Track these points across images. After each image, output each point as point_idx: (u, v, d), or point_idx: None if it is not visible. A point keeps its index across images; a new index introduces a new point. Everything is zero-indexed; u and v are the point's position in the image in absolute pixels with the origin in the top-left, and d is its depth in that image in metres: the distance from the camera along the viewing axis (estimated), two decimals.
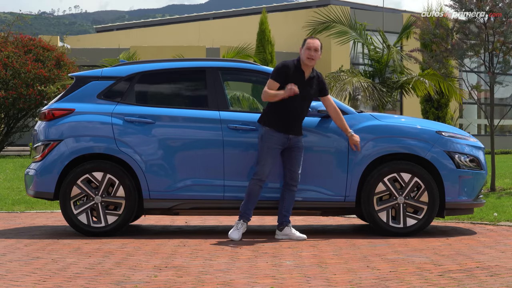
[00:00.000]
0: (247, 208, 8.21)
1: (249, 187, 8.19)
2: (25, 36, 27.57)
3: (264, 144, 8.18)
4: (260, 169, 8.17)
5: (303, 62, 8.25)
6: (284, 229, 8.32)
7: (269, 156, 8.17)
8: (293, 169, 8.25)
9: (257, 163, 8.22)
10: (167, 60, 9.03)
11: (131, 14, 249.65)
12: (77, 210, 8.50)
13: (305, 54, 8.22)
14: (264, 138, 8.19)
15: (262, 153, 8.19)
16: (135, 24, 55.54)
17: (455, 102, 21.29)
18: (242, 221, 8.19)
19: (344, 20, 16.98)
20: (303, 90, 8.19)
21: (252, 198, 8.20)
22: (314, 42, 8.26)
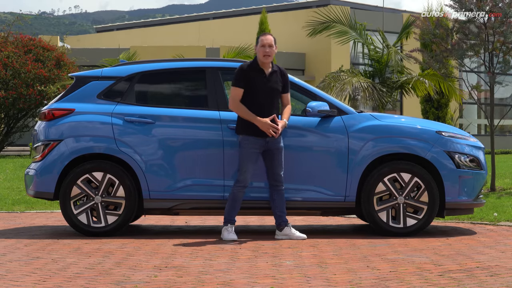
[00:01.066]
0: (232, 214, 8.24)
1: (233, 194, 8.20)
2: (25, 36, 27.57)
3: (243, 151, 8.19)
4: (242, 177, 8.18)
5: (260, 60, 8.24)
6: (284, 229, 8.32)
7: (249, 162, 8.18)
8: (275, 171, 8.26)
9: (239, 170, 8.21)
10: (167, 60, 9.03)
11: (131, 14, 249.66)
12: (77, 210, 8.50)
13: (261, 52, 8.22)
14: (242, 145, 8.20)
15: (242, 160, 8.19)
16: (135, 24, 55.55)
17: (455, 102, 21.30)
18: (229, 225, 8.22)
19: (344, 20, 16.98)
20: (267, 87, 8.20)
21: (237, 204, 8.23)
22: (267, 38, 8.26)
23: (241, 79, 8.16)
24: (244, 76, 8.16)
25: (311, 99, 8.68)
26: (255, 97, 8.16)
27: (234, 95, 8.16)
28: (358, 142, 8.50)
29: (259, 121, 8.09)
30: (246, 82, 8.16)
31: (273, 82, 8.26)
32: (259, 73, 8.22)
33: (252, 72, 8.20)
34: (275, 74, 8.30)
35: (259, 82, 8.18)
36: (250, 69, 8.21)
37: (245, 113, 8.13)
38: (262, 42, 8.24)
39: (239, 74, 8.18)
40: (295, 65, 39.28)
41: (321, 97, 8.70)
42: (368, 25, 17.81)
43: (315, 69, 39.35)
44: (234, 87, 8.18)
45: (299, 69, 39.69)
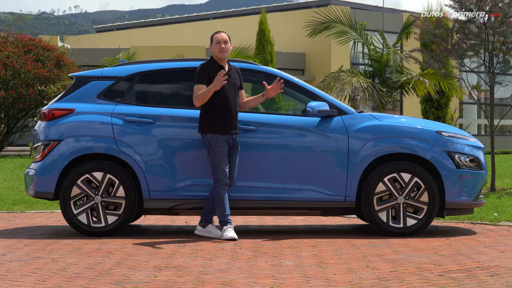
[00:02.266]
0: (224, 214, 8.24)
1: (217, 194, 8.21)
2: (25, 36, 27.56)
3: (214, 150, 8.21)
4: (220, 175, 8.19)
5: (217, 57, 8.33)
6: (207, 227, 8.37)
7: (222, 159, 8.21)
8: (231, 171, 8.31)
9: (214, 170, 8.22)
10: (167, 60, 9.03)
11: (131, 14, 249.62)
12: (77, 210, 8.50)
13: (217, 49, 8.32)
14: (212, 145, 8.22)
15: (216, 160, 8.21)
16: (135, 24, 55.54)
17: (455, 102, 21.32)
18: (229, 225, 8.23)
19: (344, 20, 16.98)
20: (228, 83, 8.30)
21: (225, 202, 8.24)
22: (221, 35, 8.36)
23: (205, 76, 8.23)
24: (207, 73, 8.24)
25: (311, 99, 8.69)
26: (219, 93, 8.23)
27: (195, 92, 8.23)
28: (358, 142, 8.50)
29: (213, 84, 8.12)
30: (208, 80, 8.22)
31: (233, 78, 8.39)
32: (218, 69, 8.30)
33: (213, 69, 8.27)
34: (233, 71, 8.44)
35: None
36: (211, 66, 8.29)
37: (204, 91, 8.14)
38: (217, 39, 8.35)
39: (201, 72, 8.26)
40: (295, 65, 39.29)
41: (321, 97, 8.71)
42: (368, 25, 17.81)
43: (315, 69, 39.35)
44: (197, 85, 8.24)
45: (299, 69, 39.69)
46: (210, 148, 8.23)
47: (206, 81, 8.23)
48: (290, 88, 8.89)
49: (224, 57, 8.35)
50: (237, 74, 8.48)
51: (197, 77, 8.27)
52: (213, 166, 8.23)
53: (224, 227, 8.21)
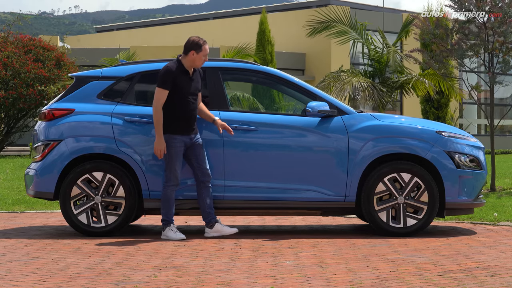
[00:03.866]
0: (169, 214, 8.28)
1: (166, 194, 8.25)
2: (25, 36, 27.56)
3: (170, 150, 8.23)
4: (172, 175, 8.23)
5: (194, 65, 8.31)
6: (215, 226, 8.35)
7: (177, 160, 8.25)
8: (202, 166, 8.33)
9: (167, 170, 8.25)
10: (167, 60, 9.03)
11: (131, 14, 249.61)
12: (77, 210, 8.50)
13: (201, 60, 8.31)
14: (169, 145, 8.24)
15: (170, 160, 8.24)
16: (135, 24, 55.54)
17: (455, 102, 21.34)
18: (172, 225, 8.26)
19: (344, 20, 16.97)
20: (192, 88, 8.30)
21: (172, 203, 8.29)
22: (207, 48, 8.34)
23: (169, 81, 8.21)
24: (172, 77, 8.22)
25: (311, 99, 8.69)
26: (182, 97, 8.24)
27: (159, 97, 8.20)
28: (358, 142, 8.50)
29: (158, 139, 8.17)
30: (173, 83, 8.22)
31: (196, 82, 8.39)
32: (185, 74, 8.30)
33: (178, 73, 8.26)
34: (196, 74, 8.42)
35: (184, 83, 8.27)
36: (177, 70, 8.26)
37: (157, 123, 8.18)
38: (206, 51, 8.33)
39: (166, 76, 8.21)
40: (295, 65, 39.29)
41: (321, 97, 8.71)
42: (368, 25, 17.81)
43: (315, 69, 39.35)
44: (160, 89, 8.21)
45: (299, 69, 39.69)
46: (167, 148, 8.24)
47: (170, 86, 8.21)
48: (290, 88, 8.89)
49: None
50: (200, 77, 8.46)
51: (161, 80, 8.21)
52: (167, 166, 8.27)
53: (168, 228, 8.24)
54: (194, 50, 8.29)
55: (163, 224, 8.28)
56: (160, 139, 8.20)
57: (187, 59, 8.31)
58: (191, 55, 8.29)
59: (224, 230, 8.35)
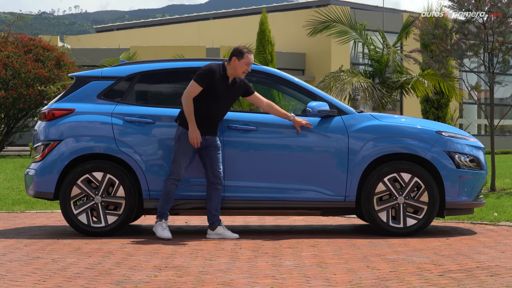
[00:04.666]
0: (166, 207, 8.28)
1: (167, 187, 8.25)
2: (25, 36, 27.56)
3: (181, 145, 8.24)
4: (176, 170, 8.24)
5: (235, 72, 8.29)
6: (217, 229, 8.34)
7: (186, 157, 8.25)
8: (215, 168, 8.31)
9: (173, 163, 8.26)
10: (167, 60, 9.03)
11: (131, 14, 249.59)
12: (77, 210, 8.50)
13: (242, 69, 8.28)
14: (181, 139, 8.24)
15: (179, 154, 8.24)
16: (135, 24, 55.55)
17: (455, 102, 21.34)
18: (163, 220, 8.25)
19: (344, 20, 16.97)
20: (227, 95, 8.29)
21: (170, 198, 8.29)
22: (252, 58, 8.30)
23: (207, 80, 8.20)
24: (212, 78, 8.21)
25: (311, 99, 8.69)
26: (212, 100, 8.24)
27: (192, 91, 8.19)
28: (358, 142, 8.50)
29: (193, 128, 8.16)
30: (210, 84, 8.21)
31: (233, 92, 8.35)
32: (224, 80, 8.29)
33: (219, 76, 8.25)
34: (235, 84, 8.38)
35: (221, 88, 8.26)
36: (219, 73, 8.25)
37: (189, 113, 8.16)
38: (249, 61, 8.28)
39: (207, 74, 8.20)
40: (295, 65, 39.30)
41: (321, 97, 8.71)
42: (368, 25, 17.81)
43: (315, 69, 39.36)
44: (195, 83, 8.20)
45: (299, 69, 39.70)
46: (178, 141, 8.25)
47: (206, 85, 8.20)
48: (290, 88, 8.89)
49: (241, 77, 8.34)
50: (239, 86, 8.39)
51: (200, 76, 8.21)
52: (174, 159, 8.27)
53: (159, 222, 8.24)
54: (236, 56, 8.27)
55: (157, 216, 8.28)
56: (194, 128, 8.16)
57: (230, 66, 8.30)
58: (233, 61, 8.27)
59: (226, 234, 8.34)
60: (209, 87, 8.20)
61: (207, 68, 8.23)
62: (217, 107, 8.28)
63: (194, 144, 8.18)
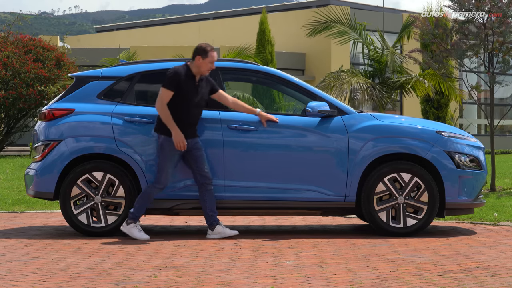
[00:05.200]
0: (141, 211, 8.28)
1: (150, 193, 8.25)
2: (25, 36, 27.56)
3: (165, 152, 8.24)
4: (163, 178, 8.24)
5: (200, 71, 8.31)
6: (216, 228, 8.35)
7: (171, 163, 8.25)
8: (202, 169, 8.32)
9: (159, 172, 8.24)
10: (167, 60, 9.03)
11: (131, 14, 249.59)
12: (77, 210, 8.50)
13: (207, 67, 8.32)
14: (164, 147, 8.24)
15: (163, 162, 8.24)
16: (135, 24, 55.54)
17: (455, 102, 21.34)
18: (138, 222, 8.27)
19: (344, 20, 16.97)
20: (196, 95, 8.31)
21: (149, 203, 8.29)
22: (215, 55, 8.36)
23: (175, 83, 8.21)
24: (178, 80, 8.22)
25: (311, 99, 8.69)
26: (185, 102, 8.25)
27: (164, 97, 8.20)
28: (358, 142, 8.50)
29: (176, 132, 8.17)
30: (178, 86, 8.23)
31: (201, 90, 8.36)
32: (191, 79, 8.30)
33: (185, 77, 8.26)
34: (203, 82, 8.41)
35: (189, 88, 8.27)
36: (184, 74, 8.27)
37: (168, 118, 8.18)
38: (213, 58, 8.33)
39: (173, 77, 8.21)
40: (295, 65, 39.30)
41: (321, 97, 8.71)
42: (368, 25, 17.81)
43: (315, 69, 39.36)
44: (165, 89, 8.21)
45: (299, 69, 39.70)
46: (161, 150, 8.25)
47: (175, 89, 8.21)
48: (290, 88, 8.89)
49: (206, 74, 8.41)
50: (208, 83, 8.44)
51: (168, 81, 8.22)
52: (159, 168, 8.25)
53: (134, 224, 8.24)
54: (200, 55, 8.29)
55: (129, 218, 8.26)
56: (177, 132, 8.17)
57: (194, 64, 8.32)
58: (197, 60, 8.29)
59: (225, 232, 8.35)
60: (179, 90, 8.22)
61: (173, 71, 8.25)
62: (190, 108, 8.29)
63: (181, 148, 8.20)
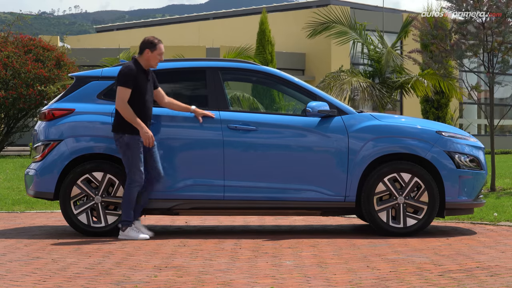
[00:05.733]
0: (131, 214, 8.26)
1: (131, 194, 8.22)
2: (25, 36, 27.56)
3: (132, 150, 8.22)
4: (137, 176, 8.21)
5: (149, 64, 8.36)
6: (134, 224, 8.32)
7: (140, 160, 8.24)
8: (156, 165, 8.35)
9: (131, 171, 8.21)
10: (167, 60, 9.03)
11: (131, 14, 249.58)
12: (77, 210, 8.50)
13: (156, 60, 8.37)
14: (130, 145, 8.23)
15: (133, 160, 8.22)
16: (135, 24, 55.54)
17: (455, 102, 21.37)
18: (133, 226, 8.25)
19: (344, 21, 16.97)
20: (149, 88, 8.36)
21: (134, 204, 8.27)
22: (163, 47, 8.44)
23: (131, 80, 8.24)
24: (134, 76, 8.26)
25: (311, 99, 8.69)
26: (142, 97, 8.28)
27: (123, 96, 8.23)
28: (358, 142, 8.50)
29: (145, 129, 8.20)
30: (135, 83, 8.26)
31: (151, 82, 8.44)
32: (144, 73, 8.36)
33: (138, 73, 8.31)
34: (151, 75, 8.48)
35: (143, 83, 8.32)
36: (137, 69, 8.31)
37: (132, 117, 8.20)
38: (161, 51, 8.39)
39: (128, 75, 8.25)
40: (295, 65, 39.29)
41: (321, 97, 8.71)
42: (368, 25, 17.81)
43: (315, 69, 39.35)
44: (122, 88, 8.24)
45: (299, 69, 39.70)
46: (128, 149, 8.24)
47: (132, 85, 8.24)
48: (290, 88, 8.89)
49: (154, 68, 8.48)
50: (154, 77, 8.52)
51: (123, 79, 8.25)
52: (130, 167, 8.23)
53: (129, 228, 8.22)
54: (148, 48, 8.33)
55: (123, 225, 8.24)
56: (144, 128, 8.19)
57: (143, 58, 8.36)
58: (146, 53, 8.34)
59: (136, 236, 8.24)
60: (134, 86, 8.26)
61: (125, 69, 8.30)
62: (147, 103, 8.32)
63: (151, 143, 8.22)
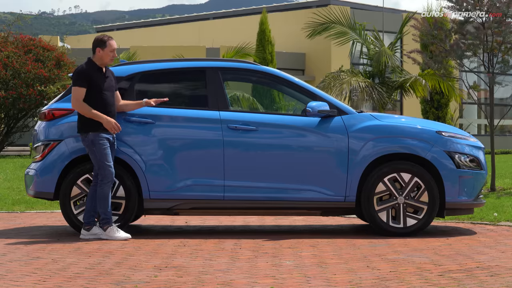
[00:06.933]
0: (108, 211, 8.22)
1: (104, 191, 8.18)
2: (25, 36, 27.56)
3: (98, 147, 8.21)
4: (108, 172, 8.19)
5: (103, 62, 8.39)
6: (92, 229, 8.29)
7: (109, 156, 8.24)
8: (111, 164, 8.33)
9: (101, 168, 8.19)
10: (167, 60, 9.04)
11: (131, 14, 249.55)
12: (77, 210, 8.50)
13: (109, 56, 8.39)
14: (95, 142, 8.22)
15: (100, 157, 8.20)
16: (135, 24, 55.54)
17: (455, 102, 21.38)
18: (113, 225, 8.22)
19: (343, 21, 16.96)
20: (107, 85, 8.36)
21: (109, 200, 8.23)
22: (114, 42, 8.47)
23: (85, 79, 8.27)
24: (88, 75, 8.29)
25: (311, 99, 8.69)
26: (100, 94, 8.29)
27: (77, 96, 8.25)
28: (358, 142, 8.50)
29: (105, 118, 8.23)
30: (89, 82, 8.28)
31: (111, 80, 8.46)
32: (99, 72, 8.38)
33: (94, 72, 8.33)
34: (109, 72, 8.51)
35: (99, 80, 8.33)
36: (92, 69, 8.34)
37: (90, 112, 8.23)
38: (113, 47, 8.42)
39: (82, 74, 8.29)
40: (295, 65, 39.29)
41: (321, 97, 8.71)
42: (368, 25, 17.80)
43: (315, 69, 39.36)
44: (77, 88, 8.27)
45: (299, 69, 39.69)
46: (94, 147, 8.23)
47: (87, 84, 8.26)
48: (290, 88, 8.89)
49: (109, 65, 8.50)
50: (113, 76, 8.53)
51: (76, 78, 8.29)
52: (100, 164, 8.22)
53: (109, 228, 8.20)
54: (99, 47, 8.38)
55: (103, 223, 8.22)
56: (106, 119, 8.21)
57: (96, 57, 8.41)
58: (98, 52, 8.39)
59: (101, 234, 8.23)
60: (90, 85, 8.27)
61: (79, 69, 8.37)
62: (106, 99, 8.31)
63: (117, 129, 8.25)
